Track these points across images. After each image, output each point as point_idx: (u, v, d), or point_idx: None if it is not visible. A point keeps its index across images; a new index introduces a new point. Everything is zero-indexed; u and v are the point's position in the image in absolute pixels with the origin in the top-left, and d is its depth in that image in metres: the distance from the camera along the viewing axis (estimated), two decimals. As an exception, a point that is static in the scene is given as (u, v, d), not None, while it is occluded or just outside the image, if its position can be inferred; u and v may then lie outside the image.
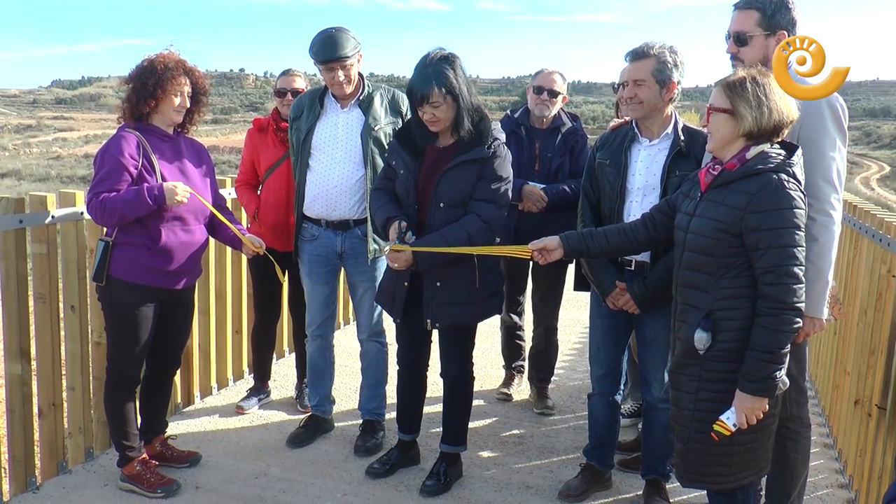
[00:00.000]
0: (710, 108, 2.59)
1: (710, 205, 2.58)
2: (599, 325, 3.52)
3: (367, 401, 4.17)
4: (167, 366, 3.75)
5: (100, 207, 3.25)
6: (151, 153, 3.36)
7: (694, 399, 2.61)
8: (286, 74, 4.48)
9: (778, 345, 2.44)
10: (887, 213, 4.11)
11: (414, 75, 3.32)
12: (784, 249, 2.42)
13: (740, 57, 2.98)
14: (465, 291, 3.42)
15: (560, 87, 4.43)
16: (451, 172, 3.34)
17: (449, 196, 3.34)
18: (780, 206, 2.43)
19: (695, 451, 2.64)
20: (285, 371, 5.17)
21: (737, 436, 2.53)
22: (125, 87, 3.41)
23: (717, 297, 2.55)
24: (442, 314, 3.43)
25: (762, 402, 2.49)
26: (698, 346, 2.55)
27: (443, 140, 3.44)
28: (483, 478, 3.82)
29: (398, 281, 3.50)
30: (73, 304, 3.71)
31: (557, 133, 4.46)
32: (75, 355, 3.75)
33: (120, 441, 3.54)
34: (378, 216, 3.47)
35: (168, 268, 3.41)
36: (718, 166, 2.60)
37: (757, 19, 2.94)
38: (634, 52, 3.24)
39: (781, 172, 2.48)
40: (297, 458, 3.98)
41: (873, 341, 3.69)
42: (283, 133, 4.30)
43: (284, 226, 4.27)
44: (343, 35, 3.73)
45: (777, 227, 2.42)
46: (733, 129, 2.55)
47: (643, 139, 3.32)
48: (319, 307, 4.12)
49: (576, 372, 5.50)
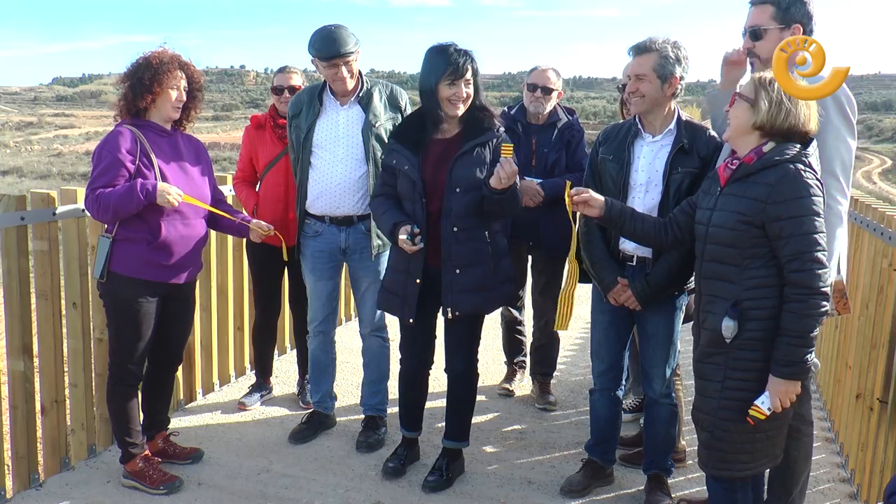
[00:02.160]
0: (736, 94, 2.68)
1: (730, 198, 2.66)
2: (601, 320, 3.52)
3: (369, 397, 4.17)
4: (169, 362, 3.76)
5: (95, 203, 3.26)
6: (149, 149, 3.36)
7: (720, 388, 2.68)
8: (283, 71, 4.47)
9: (808, 329, 2.51)
10: (889, 207, 4.11)
11: (442, 57, 3.35)
12: (807, 237, 2.50)
13: (755, 52, 2.98)
14: (483, 277, 3.45)
15: (554, 84, 4.44)
16: (464, 157, 3.38)
17: (466, 180, 3.36)
18: (799, 194, 2.52)
19: (720, 440, 2.70)
20: (287, 367, 5.18)
21: (761, 423, 2.60)
22: (122, 85, 3.41)
23: (743, 287, 2.62)
24: (463, 301, 3.44)
25: (795, 385, 2.57)
26: (726, 334, 2.62)
27: (448, 131, 3.47)
28: (485, 473, 3.82)
29: (408, 279, 3.48)
30: (75, 301, 3.72)
31: (554, 128, 4.47)
32: (77, 352, 3.76)
33: (122, 437, 3.55)
34: (384, 221, 3.46)
35: (169, 262, 3.42)
36: (737, 161, 2.69)
37: (772, 13, 2.96)
38: (637, 46, 3.24)
39: (798, 163, 2.56)
40: (300, 455, 3.98)
41: (875, 335, 3.69)
42: (281, 130, 4.31)
43: (283, 222, 4.27)
44: (343, 31, 3.73)
45: (798, 216, 2.51)
46: (748, 118, 2.63)
47: (646, 134, 3.32)
48: (322, 303, 4.12)
49: (577, 367, 5.50)
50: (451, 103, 3.37)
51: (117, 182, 3.28)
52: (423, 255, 3.41)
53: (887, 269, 3.60)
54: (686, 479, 3.74)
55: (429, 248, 3.41)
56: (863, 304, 3.99)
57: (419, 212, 3.41)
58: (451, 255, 3.41)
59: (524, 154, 4.39)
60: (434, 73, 3.36)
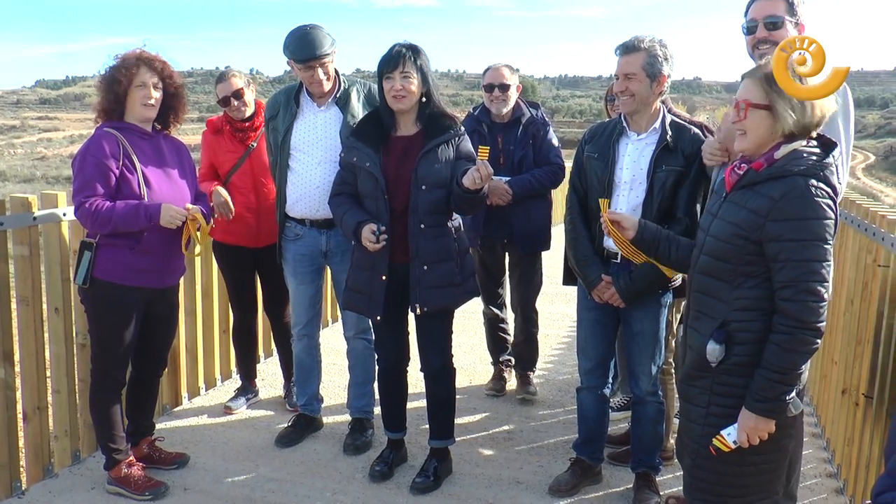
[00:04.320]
0: (746, 103, 2.34)
1: (731, 207, 2.39)
2: (586, 318, 3.52)
3: (356, 399, 4.15)
4: (154, 366, 3.72)
5: (92, 216, 3.22)
6: (132, 152, 3.33)
7: (704, 413, 2.46)
8: (223, 80, 4.27)
9: (791, 365, 2.27)
10: (872, 203, 4.12)
11: (386, 52, 3.40)
12: (806, 264, 2.22)
13: (773, 40, 2.92)
14: (451, 273, 3.45)
15: (509, 79, 4.45)
16: (428, 155, 3.38)
17: (431, 178, 3.36)
18: (804, 215, 2.22)
19: (703, 469, 2.49)
20: (273, 370, 5.14)
21: (749, 456, 2.39)
22: (98, 88, 3.39)
23: (732, 307, 2.37)
24: (430, 297, 3.43)
25: (768, 423, 2.33)
26: (710, 358, 2.39)
27: (405, 129, 3.46)
28: (473, 474, 3.81)
29: (374, 277, 3.47)
30: (57, 307, 3.67)
31: (518, 125, 4.50)
32: (60, 358, 3.72)
33: (106, 444, 3.51)
34: (347, 220, 3.42)
35: (152, 267, 3.39)
36: (745, 165, 2.38)
37: (784, 7, 2.96)
38: (625, 45, 3.23)
39: (812, 177, 2.25)
40: (286, 458, 3.96)
41: (860, 331, 3.70)
42: (240, 133, 4.27)
43: (253, 224, 4.25)
44: (319, 32, 3.70)
45: (799, 239, 2.22)
46: (771, 128, 2.32)
47: (631, 133, 3.32)
48: (305, 306, 4.10)
49: (564, 366, 5.50)
50: (392, 98, 3.36)
51: (105, 189, 3.24)
52: (387, 252, 3.41)
53: (871, 264, 3.61)
54: (674, 477, 3.73)
55: (393, 245, 3.40)
56: (847, 299, 4.01)
57: (382, 209, 3.39)
58: (418, 251, 3.41)
59: (491, 154, 4.40)
60: (379, 68, 3.39)
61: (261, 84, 34.22)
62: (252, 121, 4.29)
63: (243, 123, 4.28)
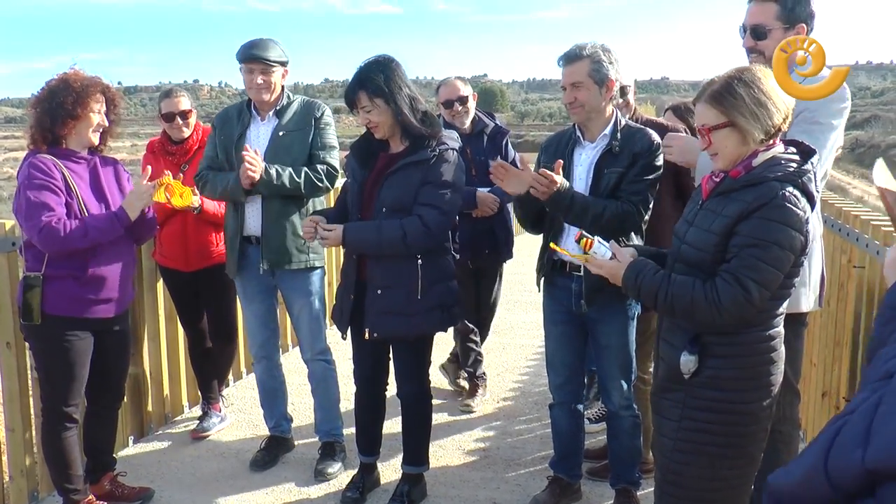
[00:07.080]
0: (705, 129, 2.30)
1: (707, 215, 2.33)
2: (553, 331, 3.41)
3: (323, 423, 4.02)
4: (111, 398, 3.55)
5: (62, 231, 3.06)
6: (70, 178, 3.19)
7: (676, 427, 2.39)
8: (169, 97, 4.20)
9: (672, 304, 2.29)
10: (845, 202, 4.07)
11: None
12: (753, 261, 2.18)
13: (759, 49, 2.86)
14: (405, 302, 3.30)
15: (465, 91, 4.48)
16: (393, 176, 3.27)
17: (390, 200, 3.25)
18: (770, 217, 2.18)
19: (673, 484, 2.44)
20: (242, 393, 5.00)
21: (720, 471, 2.36)
22: (34, 111, 3.22)
23: None
24: (380, 324, 3.32)
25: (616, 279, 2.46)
26: (684, 370, 2.33)
27: (394, 146, 3.37)
28: (448, 496, 3.68)
29: (345, 294, 3.42)
30: (9, 341, 3.50)
31: (482, 135, 4.53)
32: (13, 393, 3.54)
33: (62, 484, 3.34)
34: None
35: (99, 296, 3.24)
36: (722, 173, 2.34)
37: (776, 12, 2.84)
38: (567, 55, 3.14)
39: (789, 183, 2.22)
40: (256, 487, 3.81)
41: (838, 333, 3.65)
42: (172, 157, 4.18)
43: (180, 248, 4.14)
44: (270, 42, 3.71)
45: (758, 238, 2.18)
46: (740, 141, 2.27)
47: (585, 142, 3.24)
48: (259, 326, 3.99)
49: (541, 378, 5.37)
50: (368, 127, 3.33)
51: (57, 209, 3.10)
52: (354, 271, 3.36)
53: (847, 265, 3.55)
54: (655, 490, 3.64)
55: (362, 265, 3.35)
56: (825, 301, 3.94)
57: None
58: (373, 275, 3.32)
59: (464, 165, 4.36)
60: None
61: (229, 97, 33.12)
62: (185, 143, 4.21)
63: (177, 146, 4.21)
